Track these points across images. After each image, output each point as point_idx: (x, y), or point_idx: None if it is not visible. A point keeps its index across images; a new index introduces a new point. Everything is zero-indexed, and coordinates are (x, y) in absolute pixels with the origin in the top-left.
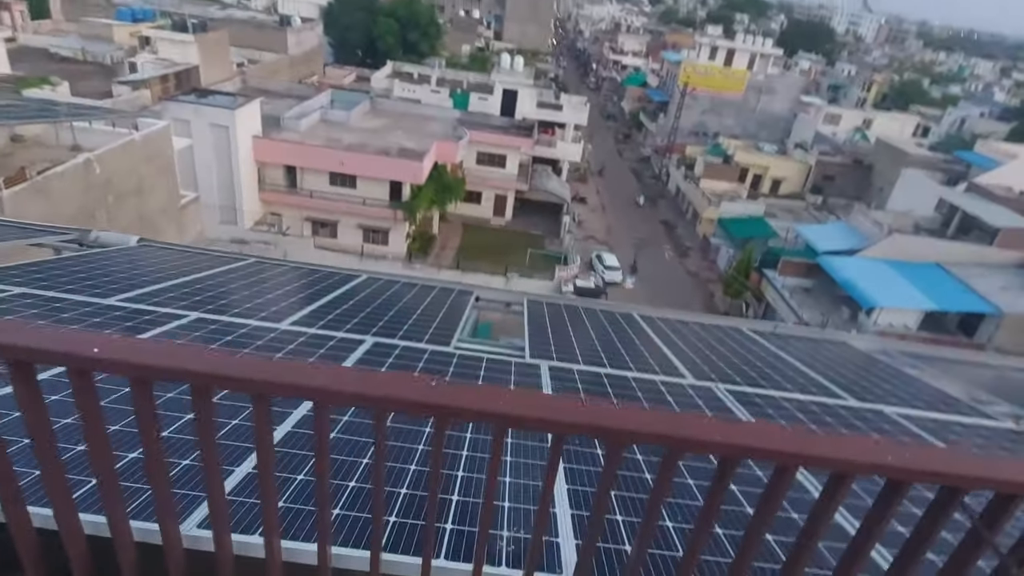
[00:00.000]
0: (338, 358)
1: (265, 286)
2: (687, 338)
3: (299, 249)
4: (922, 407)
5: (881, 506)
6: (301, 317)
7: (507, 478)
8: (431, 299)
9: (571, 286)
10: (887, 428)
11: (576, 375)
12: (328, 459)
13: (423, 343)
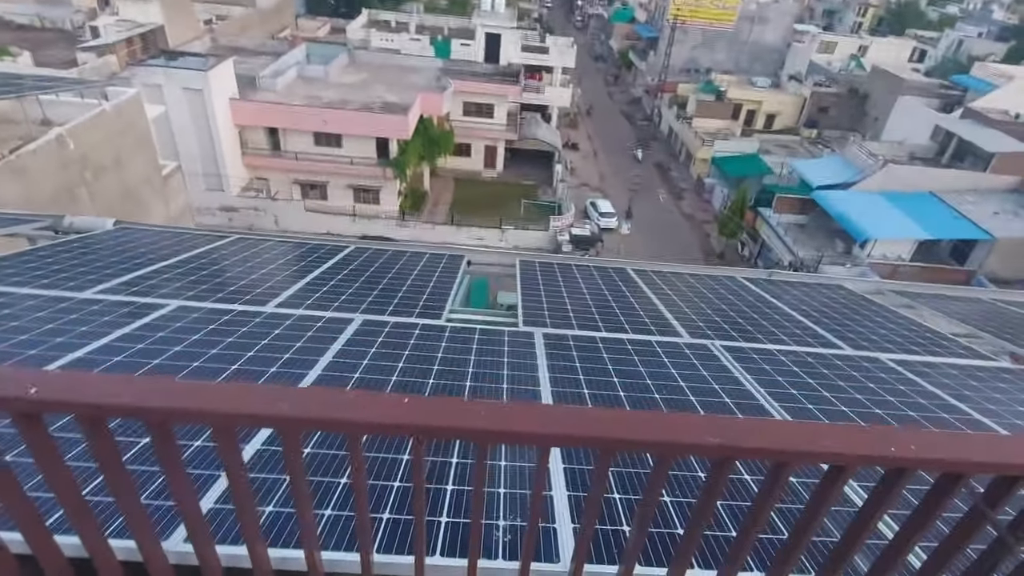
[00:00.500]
0: (325, 341)
1: (249, 265)
2: (682, 291)
3: (290, 213)
4: (918, 351)
5: (880, 494)
6: (287, 298)
7: (502, 461)
8: (421, 267)
9: (567, 235)
10: (883, 377)
11: (571, 342)
12: (304, 481)
13: (413, 317)
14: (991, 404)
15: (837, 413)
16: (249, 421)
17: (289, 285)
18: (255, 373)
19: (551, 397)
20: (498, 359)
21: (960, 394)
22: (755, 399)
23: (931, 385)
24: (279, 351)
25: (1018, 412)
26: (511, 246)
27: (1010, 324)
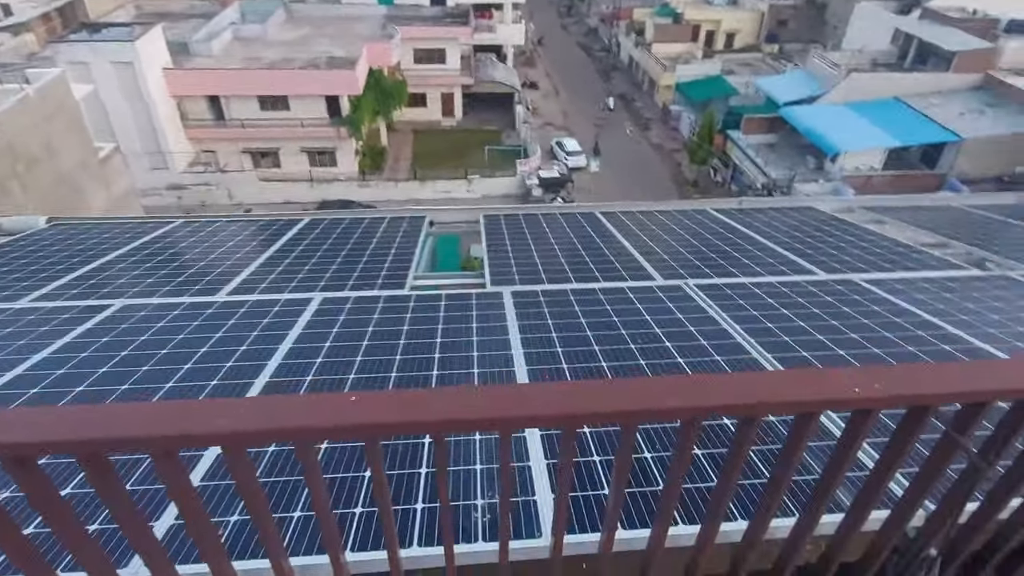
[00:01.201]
0: (283, 327)
1: (197, 251)
2: (652, 231)
3: (243, 185)
4: (890, 268)
5: (851, 433)
6: (240, 282)
7: (476, 435)
8: (381, 233)
9: (535, 178)
10: (858, 299)
11: (541, 298)
12: (260, 498)
13: (376, 290)
14: (965, 315)
15: (814, 343)
16: (186, 443)
17: (242, 268)
18: (207, 373)
19: (524, 364)
20: (466, 326)
21: (935, 308)
22: (732, 338)
23: (905, 302)
24: (233, 345)
25: (991, 320)
26: (479, 196)
27: (980, 229)
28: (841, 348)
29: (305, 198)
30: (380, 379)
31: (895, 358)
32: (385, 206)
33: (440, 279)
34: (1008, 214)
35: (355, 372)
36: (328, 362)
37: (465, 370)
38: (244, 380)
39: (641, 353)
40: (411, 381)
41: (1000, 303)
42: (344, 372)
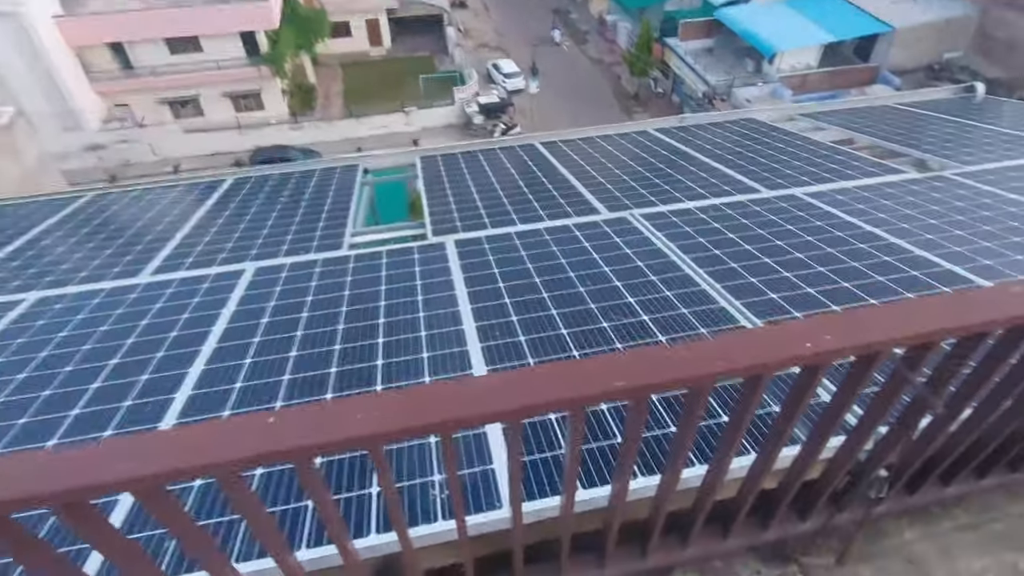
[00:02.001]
0: (213, 308)
1: (113, 227)
2: (594, 159)
3: (166, 139)
4: (831, 178)
5: (802, 387)
6: (164, 259)
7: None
8: (313, 187)
9: (475, 105)
10: (801, 215)
11: (486, 245)
12: (194, 534)
13: (312, 252)
14: (904, 223)
15: (762, 268)
16: (90, 494)
17: (165, 241)
18: (135, 368)
19: (473, 321)
20: (410, 284)
21: (875, 218)
22: (681, 270)
23: (847, 214)
24: (161, 333)
25: (929, 225)
26: (418, 128)
27: (915, 129)
28: (788, 270)
29: (235, 147)
30: (323, 355)
31: (840, 275)
32: (322, 148)
33: (379, 233)
34: (942, 110)
35: (296, 349)
36: (267, 341)
37: (412, 333)
38: (178, 370)
39: (591, 296)
40: (356, 354)
41: (936, 206)
42: (285, 350)
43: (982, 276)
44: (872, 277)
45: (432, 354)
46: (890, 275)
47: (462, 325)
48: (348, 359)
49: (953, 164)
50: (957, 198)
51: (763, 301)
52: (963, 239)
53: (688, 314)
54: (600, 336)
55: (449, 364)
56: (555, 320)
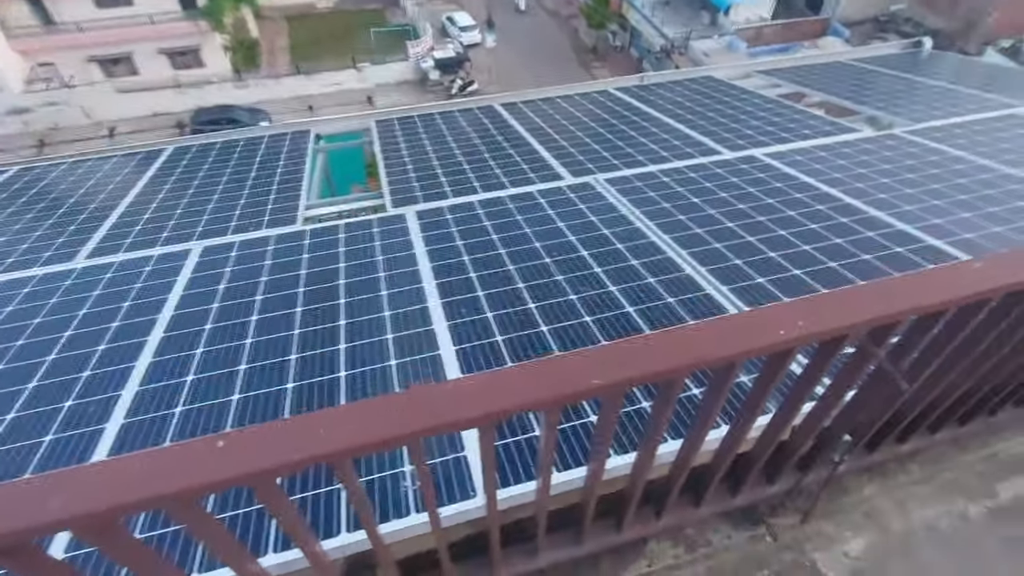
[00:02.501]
0: (161, 291)
1: (42, 205)
2: (555, 121)
3: (99, 100)
4: (788, 138)
5: (773, 369)
6: (101, 239)
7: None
8: (261, 156)
9: (430, 60)
10: (762, 177)
11: (448, 216)
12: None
13: (264, 228)
14: (858, 183)
15: (726, 233)
16: (25, 536)
17: (102, 220)
18: (73, 364)
19: (438, 298)
20: (371, 260)
21: (831, 178)
22: (647, 237)
23: (805, 175)
24: (101, 323)
25: (882, 185)
26: (372, 85)
27: (867, 85)
28: (751, 234)
29: (175, 107)
30: (282, 341)
31: (800, 238)
32: (270, 107)
33: (335, 205)
34: (891, 66)
35: (252, 335)
36: (219, 328)
37: (376, 314)
38: (122, 365)
39: (558, 267)
40: (318, 339)
41: (888, 165)
42: (240, 337)
43: (931, 235)
44: (830, 239)
45: (397, 335)
46: (847, 237)
47: (427, 303)
48: (309, 345)
49: (903, 121)
50: (907, 156)
51: (728, 267)
52: (914, 198)
53: (655, 284)
54: (569, 310)
55: (415, 345)
56: (522, 294)
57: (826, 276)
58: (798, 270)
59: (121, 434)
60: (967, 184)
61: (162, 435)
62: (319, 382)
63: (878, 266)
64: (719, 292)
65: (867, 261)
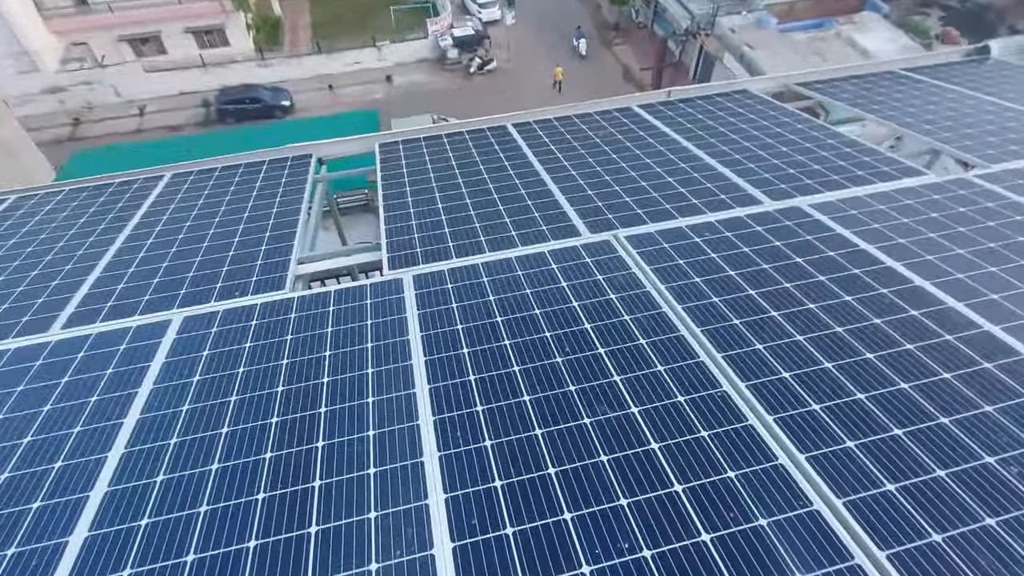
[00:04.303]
0: (134, 377)
1: (30, 250)
2: (572, 149)
3: (129, 80)
4: (839, 181)
5: None
6: (80, 302)
7: (370, 430)
8: (258, 189)
9: (449, 39)
10: (807, 239)
11: (449, 286)
12: None
13: (250, 293)
14: (929, 253)
15: (774, 330)
16: None
17: (84, 275)
18: (44, 455)
19: (431, 415)
20: (360, 347)
21: (892, 245)
22: (675, 328)
23: (861, 238)
24: (71, 414)
25: (958, 259)
26: (392, 64)
27: (928, 106)
28: (803, 332)
29: (201, 86)
30: (258, 432)
31: (864, 340)
32: (292, 85)
33: (329, 260)
34: (955, 80)
35: (228, 423)
36: (196, 412)
37: (358, 434)
38: (93, 456)
39: (571, 373)
40: (295, 431)
41: (964, 227)
42: (216, 425)
43: (1019, 337)
44: (900, 344)
45: (381, 468)
46: (922, 340)
47: (418, 419)
48: (286, 439)
49: (976, 160)
50: (986, 214)
51: (775, 384)
52: (1002, 281)
53: (685, 404)
54: (584, 446)
55: (400, 482)
56: (527, 412)
57: (898, 404)
58: (862, 395)
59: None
60: None
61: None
62: (292, 492)
63: (969, 396)
64: (763, 424)
65: (948, 381)
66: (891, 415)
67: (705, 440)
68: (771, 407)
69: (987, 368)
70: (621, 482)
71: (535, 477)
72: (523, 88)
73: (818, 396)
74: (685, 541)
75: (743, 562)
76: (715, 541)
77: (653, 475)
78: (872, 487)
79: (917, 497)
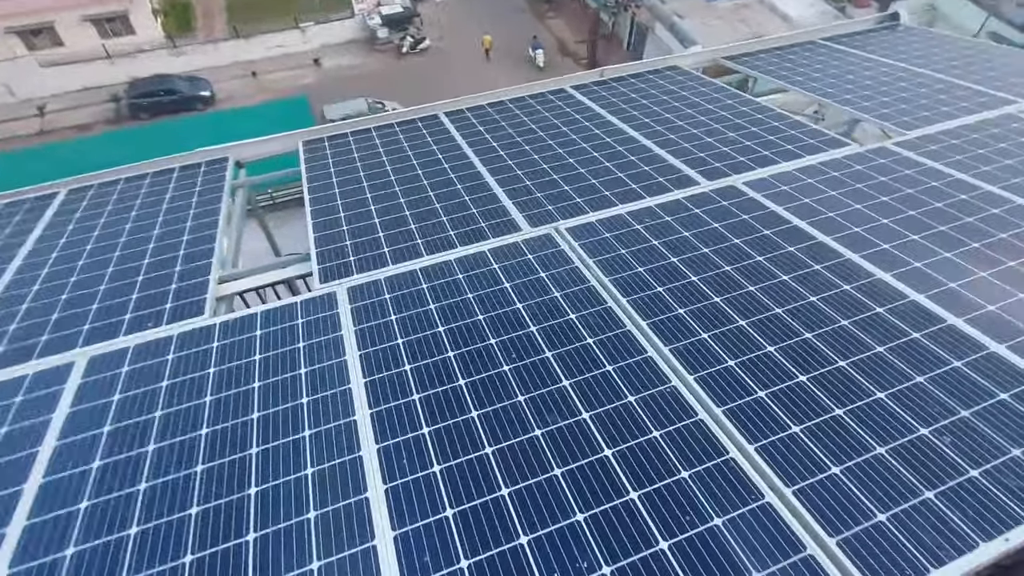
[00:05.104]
0: (32, 436)
1: None
2: (507, 136)
3: (23, 77)
4: (771, 157)
5: None
6: None
7: (308, 468)
8: (168, 204)
9: (377, 18)
10: (744, 219)
11: (387, 296)
12: None
13: (164, 322)
14: (857, 225)
15: (715, 315)
16: None
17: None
18: None
19: (373, 442)
20: (292, 374)
21: (824, 220)
22: (621, 323)
23: (795, 215)
24: None
25: (884, 229)
26: (318, 46)
27: (846, 75)
28: (745, 316)
29: (108, 79)
30: (181, 485)
31: (797, 318)
32: (210, 74)
33: (255, 276)
34: (869, 48)
35: (146, 478)
36: (108, 469)
37: (295, 474)
38: None
39: (519, 382)
40: (223, 480)
41: (887, 196)
42: (132, 482)
43: (944, 305)
44: (836, 321)
45: (321, 493)
46: (855, 316)
47: (359, 451)
48: (213, 490)
49: (893, 128)
50: (906, 182)
51: (714, 366)
52: (924, 249)
53: (636, 404)
54: (536, 461)
55: (344, 523)
56: (476, 429)
57: (838, 383)
58: (804, 376)
59: None
60: (974, 224)
61: None
62: (224, 550)
63: (902, 368)
64: (712, 417)
65: (882, 356)
66: (832, 395)
67: (658, 441)
68: (719, 399)
69: (916, 338)
70: (577, 497)
71: (487, 501)
72: (457, 65)
73: (763, 383)
74: (644, 552)
75: (701, 567)
76: (673, 548)
77: (608, 485)
78: (818, 471)
79: (860, 477)
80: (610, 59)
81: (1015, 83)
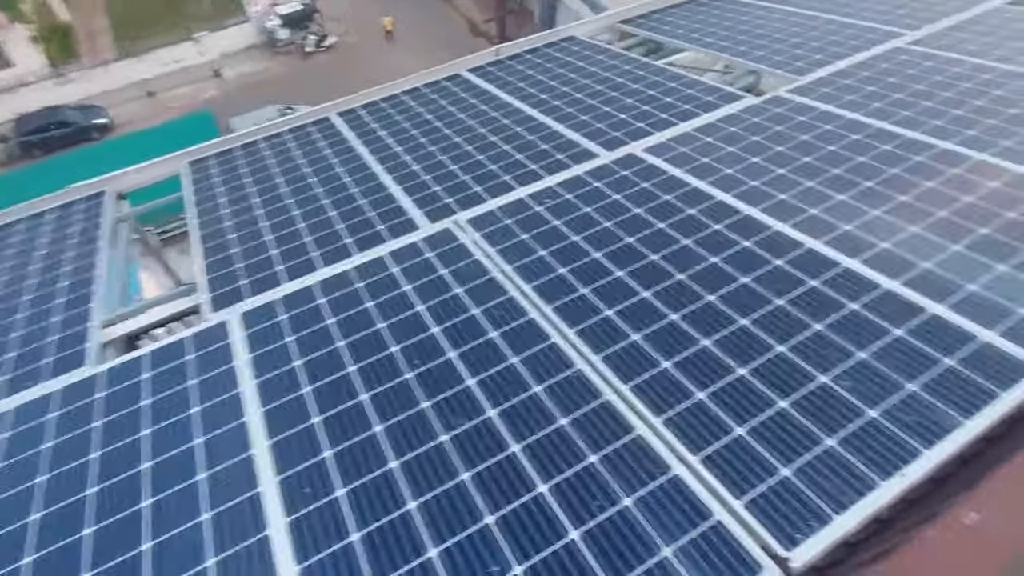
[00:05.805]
0: None
1: None
2: (403, 131)
3: None
4: (669, 120)
5: None
6: None
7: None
8: (46, 248)
9: (275, 19)
10: (644, 187)
11: (283, 316)
12: None
13: (42, 380)
14: (754, 179)
15: (620, 289)
16: None
17: None
18: None
19: (274, 478)
20: (185, 417)
21: (722, 177)
22: (525, 313)
23: (695, 176)
24: None
25: (781, 179)
26: (217, 56)
27: (741, 23)
28: (648, 287)
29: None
30: (66, 555)
31: (704, 284)
32: (105, 100)
33: (143, 314)
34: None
35: (29, 551)
36: None
37: (190, 522)
38: None
39: (427, 393)
40: (111, 549)
41: (782, 146)
42: (13, 557)
43: (840, 249)
44: (736, 279)
45: (219, 538)
46: (754, 272)
47: (259, 486)
48: (104, 550)
49: (785, 76)
50: (800, 128)
51: (626, 351)
52: (820, 195)
53: (552, 408)
54: (444, 468)
55: (245, 563)
56: (378, 444)
57: (739, 343)
58: (707, 340)
59: None
60: (867, 163)
61: None
62: None
63: (800, 318)
64: (619, 395)
65: (783, 309)
66: (734, 356)
67: (565, 430)
68: (625, 376)
69: (815, 287)
70: (486, 499)
71: (394, 519)
72: (365, 57)
73: (667, 353)
74: (555, 545)
75: (612, 551)
76: (585, 536)
77: (517, 482)
78: (723, 434)
79: (764, 435)
80: (522, 33)
81: (901, 15)
